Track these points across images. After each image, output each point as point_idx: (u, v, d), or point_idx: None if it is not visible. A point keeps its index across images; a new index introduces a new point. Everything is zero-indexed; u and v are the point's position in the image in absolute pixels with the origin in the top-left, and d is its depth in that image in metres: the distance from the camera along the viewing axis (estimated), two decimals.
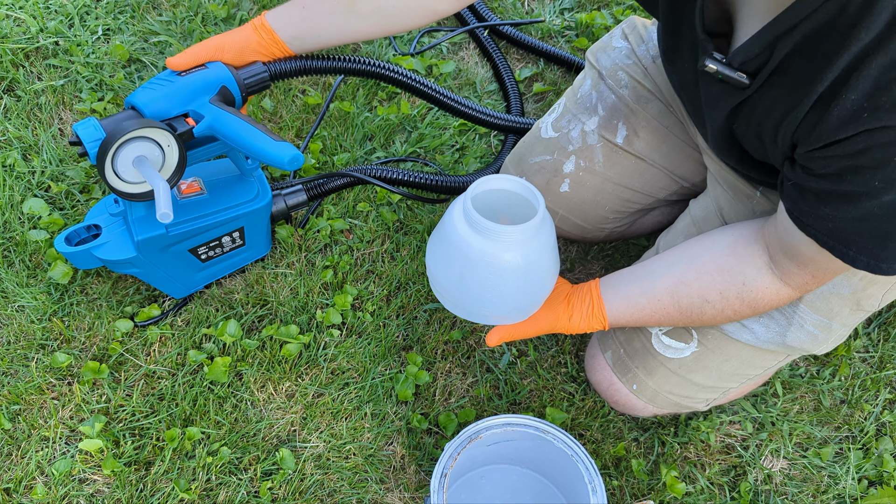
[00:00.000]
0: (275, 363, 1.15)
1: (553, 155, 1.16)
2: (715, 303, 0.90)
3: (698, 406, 1.11)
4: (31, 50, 1.42)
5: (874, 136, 0.66)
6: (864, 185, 0.69)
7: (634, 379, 1.09)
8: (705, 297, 0.91)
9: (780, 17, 0.69)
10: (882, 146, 0.66)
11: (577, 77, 1.21)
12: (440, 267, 0.89)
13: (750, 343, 1.01)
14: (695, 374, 1.05)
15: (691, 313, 0.93)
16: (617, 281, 0.98)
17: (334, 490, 1.07)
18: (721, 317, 0.92)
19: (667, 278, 0.93)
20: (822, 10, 0.65)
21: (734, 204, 1.02)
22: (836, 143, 0.69)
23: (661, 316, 0.94)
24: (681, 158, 1.12)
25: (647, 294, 0.94)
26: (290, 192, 1.21)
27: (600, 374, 1.13)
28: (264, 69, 1.04)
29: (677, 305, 0.93)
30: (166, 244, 1.08)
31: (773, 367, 1.08)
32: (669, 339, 1.05)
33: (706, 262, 0.91)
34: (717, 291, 0.90)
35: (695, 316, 0.93)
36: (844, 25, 0.64)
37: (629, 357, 1.09)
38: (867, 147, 0.67)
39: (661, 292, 0.93)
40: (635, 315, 0.95)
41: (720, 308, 0.91)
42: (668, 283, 0.93)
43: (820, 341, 0.99)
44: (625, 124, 1.12)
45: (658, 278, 0.94)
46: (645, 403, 1.10)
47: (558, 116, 1.18)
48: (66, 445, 1.06)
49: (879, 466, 1.17)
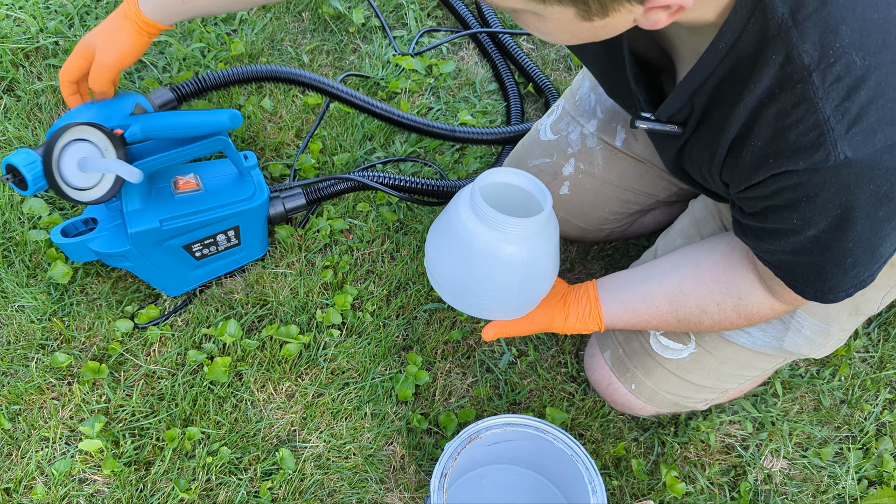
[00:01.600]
0: (275, 363, 1.15)
1: (552, 157, 1.16)
2: (712, 314, 0.91)
3: (697, 406, 1.12)
4: (30, 50, 1.42)
5: (781, 180, 0.70)
6: (785, 223, 0.74)
7: (633, 379, 1.09)
8: (703, 308, 0.91)
9: (690, 75, 0.73)
10: (791, 188, 0.70)
11: (576, 78, 1.21)
12: (442, 255, 0.89)
13: (747, 346, 1.01)
14: (693, 375, 1.06)
15: (689, 321, 0.93)
16: (615, 284, 0.97)
17: (334, 490, 1.07)
18: (718, 326, 0.93)
19: (665, 285, 0.93)
20: (722, 65, 0.70)
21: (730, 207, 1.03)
22: (752, 187, 0.74)
23: (658, 322, 0.95)
24: None
25: (645, 300, 0.94)
26: (289, 195, 1.21)
27: (599, 373, 1.13)
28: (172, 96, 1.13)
29: (675, 314, 0.93)
30: (160, 238, 1.08)
31: (772, 369, 1.08)
32: (667, 340, 1.05)
33: (704, 272, 0.92)
34: (715, 303, 0.90)
35: (692, 324, 0.94)
36: (740, 79, 0.69)
37: (627, 357, 1.09)
38: (778, 189, 0.71)
39: (660, 299, 0.93)
40: (632, 319, 0.96)
41: (717, 319, 0.91)
42: (667, 291, 0.93)
43: (817, 346, 0.99)
44: (623, 127, 1.11)
45: (656, 284, 0.94)
46: (644, 403, 1.11)
47: (557, 119, 1.18)
48: (65, 446, 1.06)
49: (879, 466, 1.17)
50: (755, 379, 1.10)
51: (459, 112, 1.49)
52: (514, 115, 1.45)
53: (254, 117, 1.39)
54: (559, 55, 1.63)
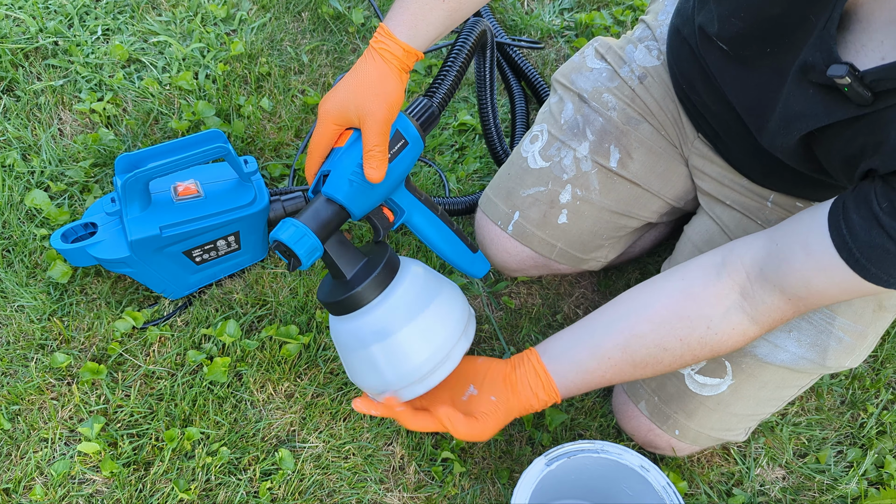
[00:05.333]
0: (274, 363, 1.15)
1: (547, 185, 1.10)
2: (674, 350, 0.86)
3: (738, 437, 1.07)
4: (30, 50, 1.42)
5: None
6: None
7: (676, 424, 1.04)
8: (663, 346, 0.86)
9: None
10: None
11: (550, 103, 1.15)
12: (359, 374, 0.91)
13: (785, 364, 0.97)
14: (734, 407, 1.02)
15: (646, 365, 0.88)
16: (558, 348, 0.91)
17: (334, 490, 1.07)
18: (678, 363, 0.87)
19: (615, 335, 0.88)
20: None
21: (740, 220, 1.00)
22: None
23: (612, 374, 0.89)
24: (675, 178, 1.10)
25: (595, 356, 0.88)
26: (289, 198, 1.21)
27: (636, 422, 1.09)
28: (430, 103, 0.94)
29: (631, 360, 0.87)
30: (160, 245, 1.08)
31: (807, 385, 1.04)
32: (704, 378, 1.01)
33: (659, 311, 0.86)
34: (678, 338, 0.85)
35: (649, 367, 0.88)
36: None
37: (665, 403, 1.04)
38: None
39: (612, 350, 0.87)
40: (586, 380, 0.89)
41: (679, 354, 0.86)
42: (619, 340, 0.87)
43: (850, 347, 0.95)
44: (617, 147, 1.08)
45: (605, 336, 0.88)
46: (688, 445, 1.07)
47: (545, 145, 1.12)
48: (65, 446, 1.06)
49: (880, 467, 1.17)
50: (791, 398, 1.06)
51: (459, 112, 1.49)
52: (519, 116, 1.44)
53: (253, 117, 1.39)
54: (559, 55, 1.63)
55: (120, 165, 1.05)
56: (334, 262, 0.86)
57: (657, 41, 1.09)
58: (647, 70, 1.07)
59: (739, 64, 0.87)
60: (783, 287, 0.79)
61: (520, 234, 1.12)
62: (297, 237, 0.82)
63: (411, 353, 0.86)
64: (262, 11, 1.56)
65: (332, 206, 0.86)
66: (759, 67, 0.83)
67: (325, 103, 0.86)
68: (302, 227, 0.83)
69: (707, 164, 1.04)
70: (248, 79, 1.46)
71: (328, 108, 0.86)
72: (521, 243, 1.12)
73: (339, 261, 0.87)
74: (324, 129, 0.87)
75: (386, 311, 0.86)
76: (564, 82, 1.14)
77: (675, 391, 1.03)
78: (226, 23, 1.53)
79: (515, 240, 1.12)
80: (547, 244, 1.12)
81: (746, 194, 1.01)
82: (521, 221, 1.11)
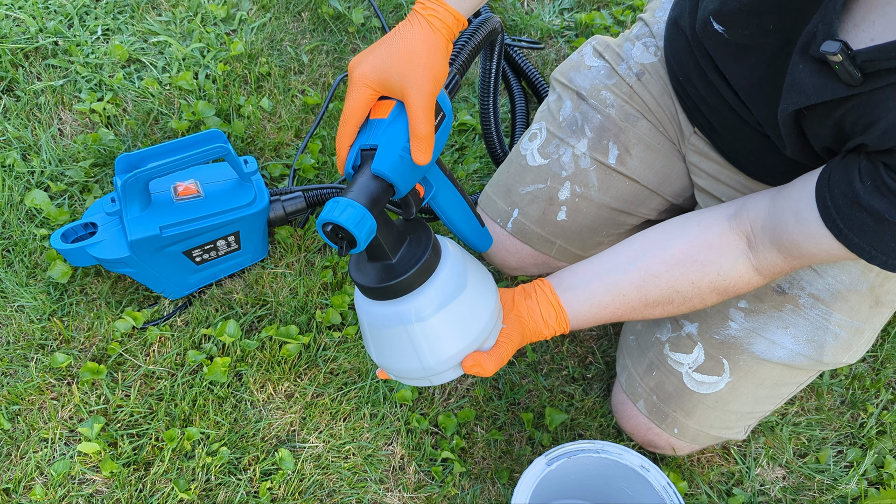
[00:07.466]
0: (274, 363, 1.15)
1: (546, 182, 1.11)
2: (685, 292, 0.87)
3: (738, 435, 1.07)
4: (30, 50, 1.42)
5: None
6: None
7: (674, 423, 1.05)
8: (676, 288, 0.87)
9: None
10: None
11: (548, 101, 1.16)
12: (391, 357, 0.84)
13: (783, 361, 0.98)
14: (732, 404, 1.02)
15: (657, 304, 0.89)
16: (573, 280, 0.90)
17: (333, 490, 1.07)
18: (686, 306, 0.89)
19: (632, 273, 0.88)
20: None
21: None
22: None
23: (623, 311, 0.89)
24: (673, 175, 1.10)
25: (610, 291, 0.88)
26: (289, 198, 1.21)
27: (635, 421, 1.09)
28: (453, 71, 0.88)
29: (644, 298, 0.88)
30: (160, 245, 1.08)
31: (805, 382, 1.05)
32: (701, 376, 1.02)
33: (675, 254, 0.87)
34: (690, 282, 0.87)
35: (659, 308, 0.89)
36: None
37: (664, 402, 1.05)
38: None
39: (627, 287, 0.88)
40: (597, 314, 0.89)
41: (689, 297, 0.88)
42: (635, 278, 0.88)
43: (847, 342, 0.96)
44: (615, 143, 1.08)
45: (622, 273, 0.89)
46: (687, 444, 1.07)
47: (543, 143, 1.12)
48: (65, 446, 1.06)
49: (880, 467, 1.17)
50: (789, 396, 1.07)
51: (458, 112, 1.49)
52: (520, 115, 1.44)
53: (253, 117, 1.39)
54: (559, 55, 1.63)
55: (120, 165, 1.05)
56: (381, 244, 0.78)
57: (654, 38, 1.09)
58: (645, 67, 1.08)
59: (737, 48, 0.87)
60: (779, 246, 0.82)
61: (519, 231, 1.12)
62: (357, 218, 0.73)
63: (450, 338, 0.81)
64: (262, 11, 1.56)
65: (381, 183, 0.77)
66: (760, 44, 0.83)
67: (361, 66, 0.76)
68: (360, 208, 0.73)
69: (703, 160, 1.05)
70: (248, 79, 1.46)
71: (365, 71, 0.76)
72: (520, 241, 1.12)
73: (385, 242, 0.79)
74: (360, 93, 0.77)
75: (431, 295, 0.80)
76: (563, 80, 1.14)
77: (673, 390, 1.04)
78: (226, 23, 1.53)
79: (515, 237, 1.12)
80: (546, 241, 1.12)
81: (742, 190, 1.01)
82: (520, 219, 1.11)
